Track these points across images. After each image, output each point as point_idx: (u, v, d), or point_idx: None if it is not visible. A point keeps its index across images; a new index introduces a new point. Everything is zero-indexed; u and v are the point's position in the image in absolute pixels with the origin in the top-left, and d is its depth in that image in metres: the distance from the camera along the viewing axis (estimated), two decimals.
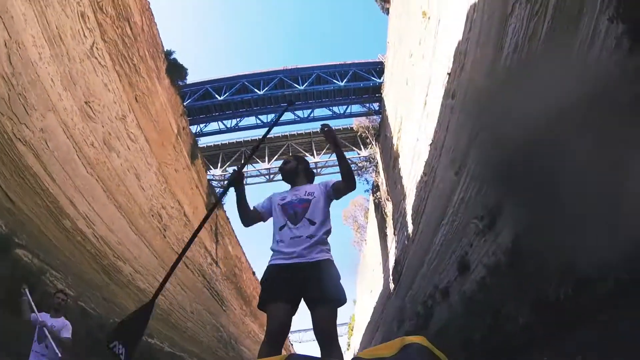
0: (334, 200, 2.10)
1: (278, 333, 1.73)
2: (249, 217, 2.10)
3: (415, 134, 12.02)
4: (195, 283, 13.00)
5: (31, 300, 3.33)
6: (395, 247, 14.96)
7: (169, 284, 10.95)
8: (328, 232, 1.99)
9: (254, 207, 2.14)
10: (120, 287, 8.16)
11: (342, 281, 1.91)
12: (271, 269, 1.90)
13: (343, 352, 1.80)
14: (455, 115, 8.96)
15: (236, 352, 15.38)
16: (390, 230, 15.79)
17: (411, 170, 12.50)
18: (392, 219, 15.26)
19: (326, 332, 1.74)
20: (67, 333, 3.41)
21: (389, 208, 15.89)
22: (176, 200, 12.79)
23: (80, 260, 7.00)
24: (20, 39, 6.63)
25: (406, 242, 13.24)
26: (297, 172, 2.19)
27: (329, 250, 1.95)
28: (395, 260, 14.67)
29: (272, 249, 1.98)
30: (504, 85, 6.66)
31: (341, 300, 1.82)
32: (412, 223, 12.43)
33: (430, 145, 10.55)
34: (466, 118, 8.32)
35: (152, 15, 13.77)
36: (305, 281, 1.77)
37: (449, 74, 9.18)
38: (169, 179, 12.53)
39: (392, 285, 15.34)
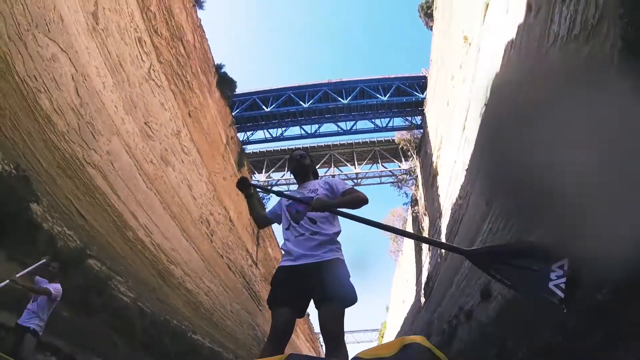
0: None
1: (280, 334, 1.78)
2: (261, 220, 2.23)
3: (453, 155, 12.18)
4: (236, 284, 14.43)
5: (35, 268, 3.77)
6: (429, 263, 15.20)
7: (213, 285, 12.34)
8: (336, 233, 1.98)
9: (267, 212, 2.24)
10: (172, 289, 9.57)
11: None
12: (279, 272, 1.94)
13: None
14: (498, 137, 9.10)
15: None
16: (425, 245, 16.01)
17: (448, 190, 12.69)
18: (428, 234, 15.47)
19: (328, 332, 1.75)
20: (56, 293, 3.81)
21: (425, 222, 16.11)
22: (223, 206, 14.19)
23: (140, 266, 8.41)
24: (85, 71, 7.98)
25: (439, 259, 13.48)
26: (308, 170, 2.24)
27: (339, 249, 1.95)
28: (428, 275, 14.92)
29: (282, 249, 2.04)
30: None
31: (346, 299, 1.81)
32: (446, 242, 12.61)
33: (467, 170, 10.73)
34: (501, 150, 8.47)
35: (203, 31, 15.11)
36: (310, 283, 1.80)
37: (486, 105, 9.32)
38: (217, 187, 13.93)
39: (422, 299, 15.62)
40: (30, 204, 5.54)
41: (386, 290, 35.01)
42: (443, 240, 12.66)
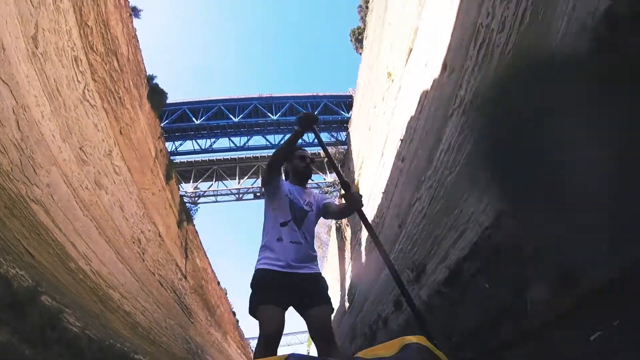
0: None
1: (275, 336, 1.84)
2: (278, 167, 2.19)
3: (372, 177, 14.43)
4: (168, 299, 14.82)
5: None
6: (351, 271, 17.49)
7: (148, 304, 12.75)
8: (316, 252, 2.10)
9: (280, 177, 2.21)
10: (112, 313, 9.91)
11: None
12: (266, 274, 1.98)
13: None
14: (402, 177, 11.38)
15: None
16: (347, 254, 18.31)
17: (367, 208, 14.91)
18: (350, 244, 17.76)
19: (325, 330, 1.86)
20: None
21: (347, 232, 18.38)
22: (152, 222, 14.43)
23: (83, 294, 8.72)
24: (25, 102, 8.03)
25: (360, 269, 15.76)
26: (310, 175, 2.28)
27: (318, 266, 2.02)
28: (351, 283, 17.20)
29: (266, 245, 2.07)
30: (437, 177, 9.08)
31: (332, 308, 1.97)
32: (366, 254, 14.92)
33: (383, 193, 12.98)
34: (408, 185, 10.77)
35: (138, 41, 15.04)
36: (302, 289, 1.91)
37: (401, 140, 11.56)
38: (147, 203, 14.13)
39: (347, 304, 17.91)
40: None
41: None
42: (363, 253, 14.94)
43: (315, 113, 18.56)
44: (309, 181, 2.68)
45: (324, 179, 21.34)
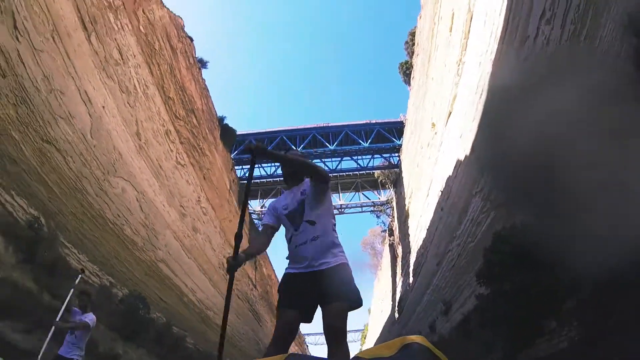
0: (326, 191, 2.21)
1: (283, 336, 1.96)
2: (266, 244, 2.27)
3: (420, 210, 16.99)
4: (244, 309, 19.11)
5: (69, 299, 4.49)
6: (401, 286, 20.43)
7: (231, 316, 16.95)
8: (333, 226, 2.18)
9: (264, 226, 2.32)
10: (209, 328, 14.12)
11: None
12: (285, 278, 2.15)
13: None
14: (441, 224, 13.91)
15: None
16: (399, 269, 21.23)
17: (415, 235, 17.60)
18: (401, 261, 20.60)
19: (332, 328, 1.89)
20: (90, 321, 4.40)
21: (399, 250, 21.21)
22: (231, 246, 18.47)
23: (193, 319, 12.88)
24: (142, 188, 11.79)
25: (408, 287, 18.65)
26: (300, 176, 2.36)
27: (342, 252, 2.11)
28: (400, 297, 20.19)
29: (287, 258, 2.22)
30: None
31: (351, 299, 1.97)
32: (412, 276, 17.75)
33: (427, 230, 15.57)
34: (445, 233, 13.31)
35: (208, 90, 18.66)
36: (317, 288, 1.98)
37: (441, 192, 14.00)
38: (226, 231, 18.19)
39: (396, 315, 20.98)
40: (143, 306, 9.74)
41: (365, 295, 41.25)
42: (411, 274, 17.75)
43: (369, 140, 21.18)
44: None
45: (379, 198, 24.14)
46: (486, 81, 10.11)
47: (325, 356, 1.85)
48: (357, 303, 2.02)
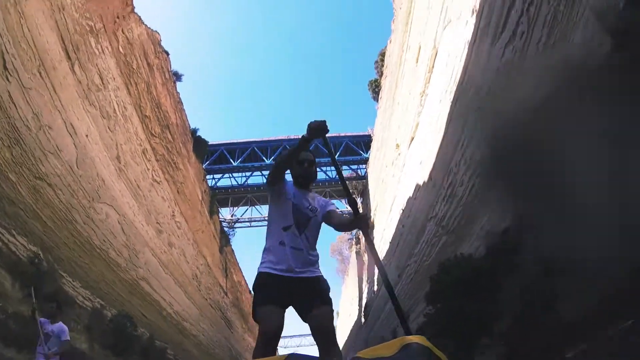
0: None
1: (274, 335, 1.99)
2: (282, 174, 2.32)
3: (384, 223, 18.68)
4: (217, 317, 20.20)
5: (36, 310, 4.72)
6: (367, 292, 22.21)
7: (205, 325, 18.03)
8: (318, 255, 2.30)
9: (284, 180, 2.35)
10: (186, 338, 15.18)
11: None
12: (266, 278, 2.14)
13: None
14: (402, 240, 15.63)
15: None
16: (365, 276, 23.00)
17: (379, 247, 19.29)
18: (367, 269, 22.36)
19: (327, 331, 2.03)
20: (64, 336, 4.66)
21: (365, 258, 22.96)
22: (203, 256, 19.52)
23: (171, 331, 13.91)
24: (123, 211, 12.56)
25: (373, 294, 20.42)
26: (313, 178, 2.48)
27: (320, 268, 2.26)
28: (366, 302, 21.97)
29: (267, 248, 2.22)
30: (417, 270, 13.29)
31: (333, 310, 2.16)
32: (377, 284, 19.50)
33: (390, 243, 17.28)
34: (405, 249, 15.03)
35: (182, 103, 19.33)
36: (300, 292, 2.08)
37: (402, 210, 15.69)
38: (199, 242, 19.15)
39: (362, 319, 22.79)
40: (130, 324, 10.77)
41: (334, 298, 43.44)
42: (375, 282, 19.49)
43: (337, 153, 22.85)
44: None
45: (346, 207, 25.63)
46: (444, 120, 11.70)
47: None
48: (333, 310, 2.21)
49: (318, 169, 2.74)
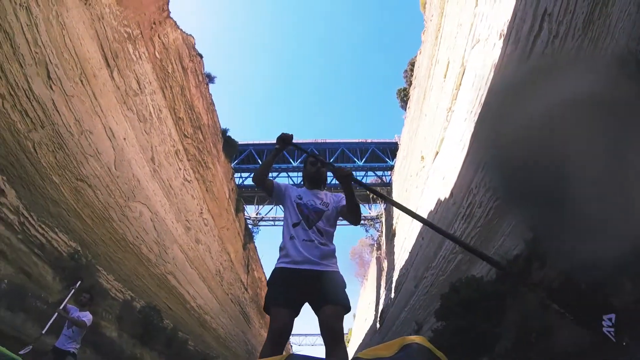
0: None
1: (281, 334, 2.04)
2: (265, 180, 2.51)
3: (404, 233, 18.95)
4: (236, 312, 21.16)
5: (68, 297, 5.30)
6: (384, 298, 22.55)
7: (225, 319, 18.96)
8: (334, 248, 2.38)
9: (272, 180, 2.59)
10: (207, 331, 16.12)
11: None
12: (279, 273, 2.24)
13: None
14: (421, 251, 15.88)
15: (255, 358, 24.16)
16: (383, 283, 23.32)
17: (399, 255, 19.63)
18: (385, 276, 22.68)
19: (333, 330, 2.05)
20: (88, 320, 5.17)
21: (384, 265, 23.27)
22: (227, 253, 20.45)
23: (193, 324, 14.84)
24: (155, 209, 13.54)
25: (389, 301, 20.76)
26: (323, 179, 2.63)
27: (337, 263, 2.34)
28: (382, 309, 22.33)
29: (281, 246, 2.36)
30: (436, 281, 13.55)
31: (347, 306, 2.17)
32: (394, 292, 19.83)
33: (409, 253, 17.56)
34: (423, 261, 15.28)
35: (214, 105, 20.22)
36: (314, 286, 2.13)
37: (420, 229, 15.90)
38: (224, 239, 20.07)
39: (378, 325, 23.17)
40: (156, 315, 11.70)
41: (352, 301, 44.07)
42: (393, 289, 19.83)
43: (364, 159, 23.19)
44: None
45: (369, 212, 26.17)
46: (467, 139, 11.88)
47: (323, 356, 1.94)
48: (348, 308, 2.21)
49: None
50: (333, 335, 2.10)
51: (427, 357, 1.30)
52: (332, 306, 2.15)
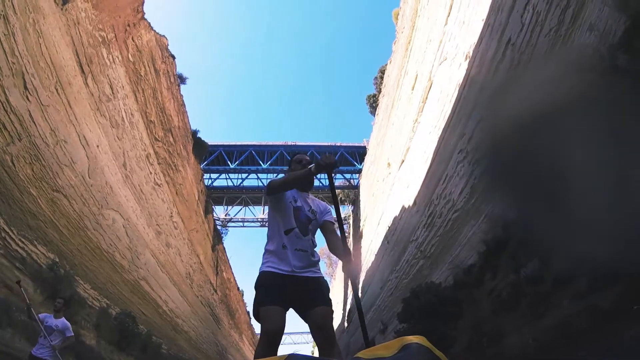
0: None
1: (275, 335, 2.06)
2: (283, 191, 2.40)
3: (371, 234, 20.08)
4: (206, 314, 21.61)
5: (32, 309, 5.17)
6: (351, 298, 23.67)
7: (195, 322, 19.43)
8: (319, 257, 2.45)
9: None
10: (179, 334, 16.56)
11: None
12: (268, 276, 2.25)
13: None
14: (386, 255, 17.03)
15: (226, 359, 24.80)
16: (350, 283, 24.41)
17: (366, 257, 20.75)
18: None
19: (327, 330, 2.13)
20: (69, 332, 5.19)
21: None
22: (196, 255, 20.84)
23: (166, 328, 15.27)
24: (128, 215, 13.70)
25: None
26: (313, 181, 2.56)
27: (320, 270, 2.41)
28: (350, 308, 23.46)
29: (270, 250, 2.33)
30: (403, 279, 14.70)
31: (332, 309, 2.28)
32: (360, 293, 20.95)
33: (375, 255, 18.70)
34: (388, 264, 16.43)
35: (184, 106, 20.41)
36: (303, 290, 2.18)
37: (389, 227, 17.04)
38: (193, 241, 20.44)
39: (346, 324, 24.31)
40: (131, 321, 12.11)
41: None
42: (360, 290, 20.89)
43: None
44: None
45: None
46: (431, 152, 12.94)
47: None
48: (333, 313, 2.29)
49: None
50: (326, 334, 2.18)
51: (427, 357, 1.32)
52: (323, 307, 2.24)
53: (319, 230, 2.58)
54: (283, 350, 2.00)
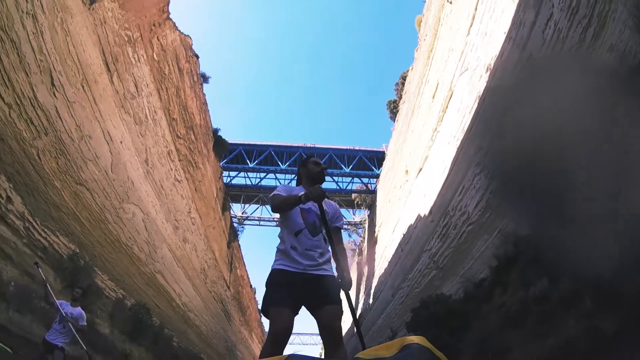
0: None
1: (283, 335, 2.08)
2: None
3: (385, 242, 20.04)
4: (218, 310, 22.02)
5: (50, 289, 5.18)
6: (363, 303, 23.70)
7: (207, 317, 19.83)
8: (331, 255, 2.45)
9: (278, 194, 2.52)
10: (190, 328, 16.95)
11: None
12: (279, 274, 2.29)
13: None
14: (399, 262, 16.98)
15: (234, 355, 25.17)
16: (362, 288, 24.47)
17: (379, 263, 20.73)
18: (365, 281, 23.81)
19: (334, 329, 2.15)
20: (82, 321, 5.21)
21: (365, 271, 24.41)
22: (212, 251, 21.24)
23: (178, 321, 15.66)
24: (147, 210, 14.17)
25: (368, 306, 21.91)
26: (322, 182, 2.59)
27: (332, 268, 2.43)
28: (360, 313, 23.46)
29: (281, 250, 2.39)
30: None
31: (341, 305, 2.28)
32: (372, 298, 20.96)
33: (388, 262, 18.66)
34: (400, 272, 16.39)
35: (206, 104, 20.83)
36: (313, 288, 2.21)
37: (404, 234, 16.99)
38: (209, 237, 20.84)
39: (354, 329, 24.27)
40: (145, 312, 12.48)
41: None
42: (371, 297, 20.93)
43: (351, 166, 24.17)
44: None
45: (353, 218, 27.27)
46: (449, 163, 12.85)
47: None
48: (342, 311, 2.32)
49: (329, 179, 3.12)
50: (333, 334, 2.20)
51: (428, 357, 1.34)
52: (333, 306, 2.26)
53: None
54: (291, 350, 2.19)
